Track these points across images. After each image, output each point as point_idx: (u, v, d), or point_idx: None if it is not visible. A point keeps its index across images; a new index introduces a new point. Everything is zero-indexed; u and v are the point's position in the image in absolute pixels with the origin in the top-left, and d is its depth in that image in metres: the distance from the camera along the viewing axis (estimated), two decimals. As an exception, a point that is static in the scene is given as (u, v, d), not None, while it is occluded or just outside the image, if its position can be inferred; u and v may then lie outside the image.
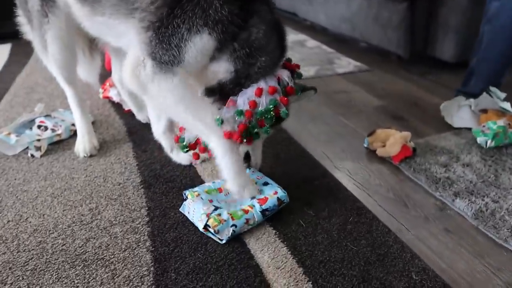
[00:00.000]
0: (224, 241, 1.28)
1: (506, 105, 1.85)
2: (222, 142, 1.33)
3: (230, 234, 1.29)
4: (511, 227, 1.32)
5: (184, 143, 1.48)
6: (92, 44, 2.01)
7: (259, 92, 1.29)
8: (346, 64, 2.87)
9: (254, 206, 1.34)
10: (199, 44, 1.24)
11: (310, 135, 1.96)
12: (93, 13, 1.37)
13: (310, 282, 1.14)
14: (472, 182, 1.54)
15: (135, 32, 1.27)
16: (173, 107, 1.32)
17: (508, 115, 1.86)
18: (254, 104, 1.29)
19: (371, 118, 2.11)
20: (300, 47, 3.30)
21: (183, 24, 1.21)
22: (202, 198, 1.40)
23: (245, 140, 1.31)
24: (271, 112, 1.29)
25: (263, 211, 1.35)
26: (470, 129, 1.90)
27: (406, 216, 1.43)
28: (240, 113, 1.30)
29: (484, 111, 1.92)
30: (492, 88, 1.89)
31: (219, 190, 1.46)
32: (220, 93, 1.34)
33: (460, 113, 1.97)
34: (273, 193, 1.40)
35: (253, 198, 1.39)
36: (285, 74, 1.35)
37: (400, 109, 2.21)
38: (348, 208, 1.44)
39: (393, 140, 1.69)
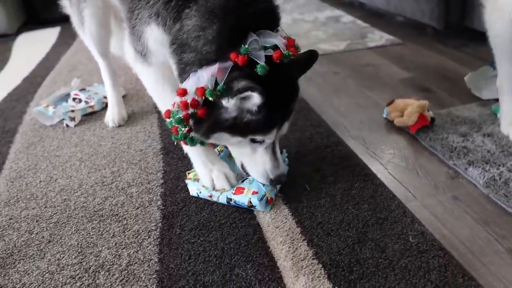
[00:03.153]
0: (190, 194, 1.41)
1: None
2: None
3: (193, 194, 1.40)
4: (523, 196, 1.28)
5: None
6: None
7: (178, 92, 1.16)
8: (378, 38, 2.81)
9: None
10: (152, 34, 1.23)
11: (331, 106, 1.96)
12: None
13: (306, 241, 1.18)
14: (490, 152, 1.49)
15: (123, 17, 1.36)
16: (149, 89, 1.44)
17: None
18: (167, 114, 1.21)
19: (396, 90, 2.07)
20: (335, 22, 3.26)
21: (138, 15, 1.23)
22: None
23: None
24: (177, 116, 1.15)
25: (228, 199, 1.33)
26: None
27: (415, 184, 1.41)
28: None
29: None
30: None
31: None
32: None
33: (489, 85, 1.88)
34: (252, 193, 1.31)
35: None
36: (208, 72, 1.10)
37: (428, 81, 2.15)
38: (356, 174, 1.45)
39: (410, 110, 1.66)
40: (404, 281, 1.04)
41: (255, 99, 1.08)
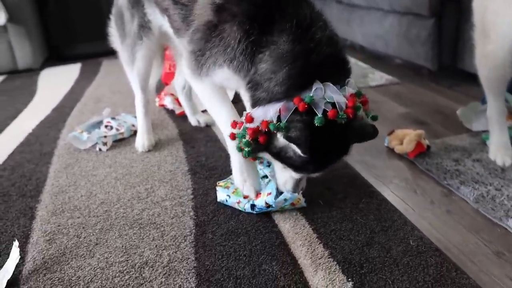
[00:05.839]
0: (217, 199, 1.63)
1: (520, 108, 2.00)
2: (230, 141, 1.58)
3: (222, 199, 1.60)
4: (508, 210, 1.48)
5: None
6: (164, 55, 2.41)
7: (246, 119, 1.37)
8: (378, 78, 3.08)
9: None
10: (222, 74, 1.44)
11: (337, 136, 2.18)
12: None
13: (322, 244, 1.37)
14: (479, 174, 1.71)
15: (184, 48, 1.58)
16: (204, 101, 1.62)
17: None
18: (234, 125, 1.44)
19: (395, 123, 2.30)
20: (337, 63, 3.54)
21: (211, 57, 1.43)
22: None
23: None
24: (243, 139, 1.36)
25: (252, 205, 1.53)
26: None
27: (413, 200, 1.62)
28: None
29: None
30: (506, 94, 2.04)
31: None
32: None
33: (478, 118, 2.12)
34: (267, 194, 1.53)
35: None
36: (274, 108, 1.29)
37: (423, 115, 2.39)
38: (363, 192, 1.66)
39: (409, 138, 1.89)
40: (406, 274, 1.23)
41: (297, 151, 1.28)
